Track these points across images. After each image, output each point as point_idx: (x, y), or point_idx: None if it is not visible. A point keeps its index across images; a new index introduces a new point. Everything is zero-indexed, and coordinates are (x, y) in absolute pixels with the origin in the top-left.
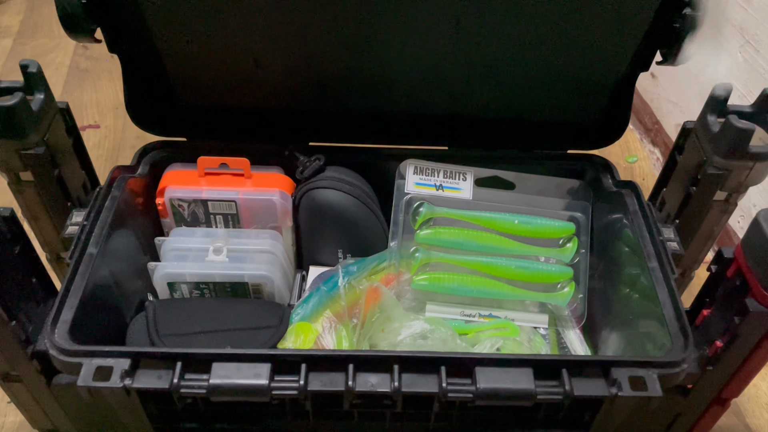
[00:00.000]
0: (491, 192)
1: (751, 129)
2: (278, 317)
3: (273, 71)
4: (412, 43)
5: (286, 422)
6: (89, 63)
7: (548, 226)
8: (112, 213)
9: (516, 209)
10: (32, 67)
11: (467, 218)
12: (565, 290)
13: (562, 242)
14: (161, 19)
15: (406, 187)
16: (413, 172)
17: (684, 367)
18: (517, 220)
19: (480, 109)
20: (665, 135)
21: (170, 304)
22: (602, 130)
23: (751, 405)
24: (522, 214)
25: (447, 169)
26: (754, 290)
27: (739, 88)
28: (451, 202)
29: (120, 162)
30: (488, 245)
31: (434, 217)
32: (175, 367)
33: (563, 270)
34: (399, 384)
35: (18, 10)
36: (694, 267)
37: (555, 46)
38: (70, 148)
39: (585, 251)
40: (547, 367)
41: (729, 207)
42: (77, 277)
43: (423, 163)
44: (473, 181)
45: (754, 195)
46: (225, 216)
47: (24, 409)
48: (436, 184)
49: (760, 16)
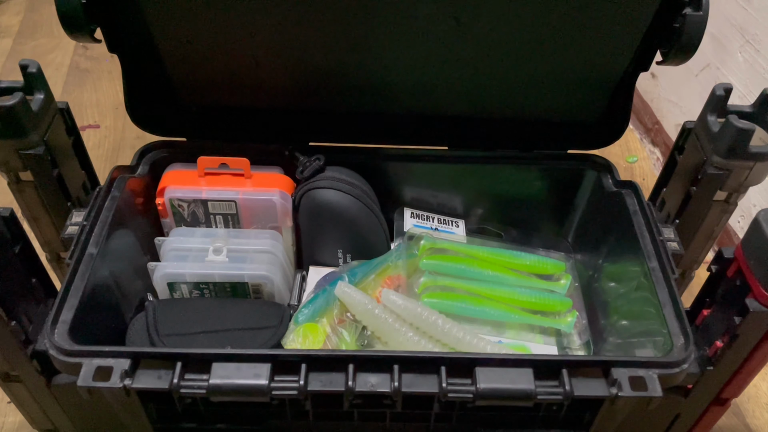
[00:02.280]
0: (482, 239)
1: (751, 129)
2: (278, 317)
3: (273, 71)
4: (412, 43)
5: (286, 422)
6: (89, 63)
7: (541, 261)
8: (112, 213)
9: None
10: (32, 67)
11: (466, 251)
12: (569, 319)
13: (555, 277)
14: (161, 19)
15: (405, 227)
16: (410, 216)
17: (684, 367)
18: (512, 254)
19: (480, 109)
20: (665, 135)
21: (170, 304)
22: (602, 130)
23: (751, 405)
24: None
25: (440, 217)
26: (755, 290)
27: (739, 88)
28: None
29: (120, 162)
30: (489, 274)
31: (435, 247)
32: (175, 367)
33: (563, 299)
34: (399, 384)
35: (18, 10)
36: (694, 267)
37: (555, 46)
38: (70, 148)
39: (578, 285)
40: (547, 367)
41: (729, 207)
42: (77, 277)
43: (418, 211)
44: (465, 228)
45: (754, 195)
46: (225, 216)
47: (24, 409)
48: (432, 227)
49: (760, 16)
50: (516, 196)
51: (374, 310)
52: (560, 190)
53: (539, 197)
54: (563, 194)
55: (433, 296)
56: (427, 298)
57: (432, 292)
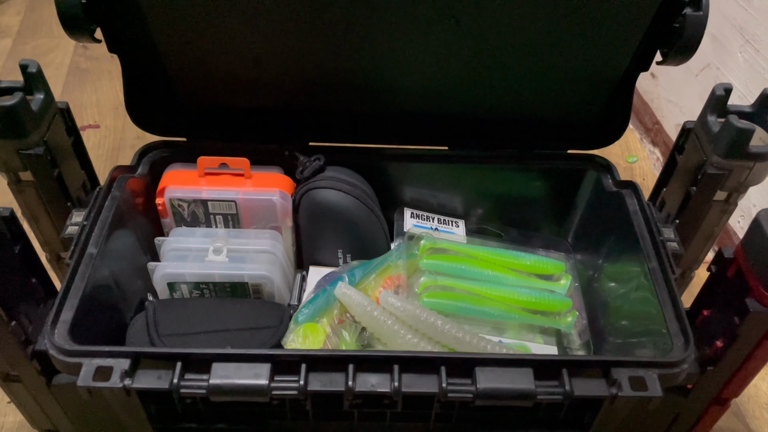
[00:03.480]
0: (482, 239)
1: (751, 129)
2: (278, 317)
3: (273, 71)
4: (412, 43)
5: (286, 422)
6: (89, 63)
7: (541, 261)
8: (112, 213)
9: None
10: (32, 67)
11: (466, 251)
12: (569, 319)
13: (555, 278)
14: (161, 19)
15: (405, 227)
16: (410, 216)
17: (684, 367)
18: (512, 254)
19: (480, 109)
20: (665, 135)
21: (170, 304)
22: (602, 130)
23: (751, 405)
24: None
25: (440, 218)
26: (754, 290)
27: (739, 88)
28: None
29: (120, 162)
30: (489, 274)
31: (435, 247)
32: (175, 367)
33: (563, 299)
34: (399, 384)
35: (18, 10)
36: (694, 267)
37: (554, 46)
38: (70, 148)
39: (578, 285)
40: (547, 367)
41: (729, 207)
42: (77, 277)
43: (418, 211)
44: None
45: (754, 195)
46: (225, 216)
47: (24, 409)
48: (432, 227)
49: (760, 16)
50: (516, 196)
51: (373, 312)
52: (560, 190)
53: (539, 197)
54: (563, 194)
55: (434, 296)
56: (428, 298)
57: (432, 291)
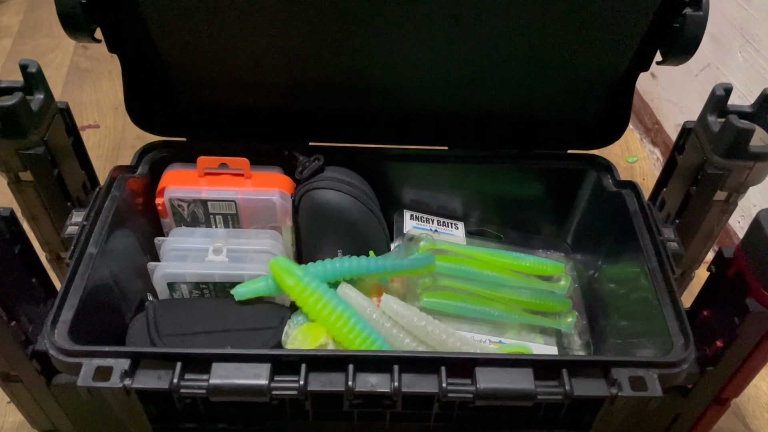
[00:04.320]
0: (481, 240)
1: (751, 129)
2: (278, 318)
3: (273, 71)
4: (411, 42)
5: (286, 422)
6: (89, 63)
7: (541, 262)
8: (112, 213)
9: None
10: (32, 67)
11: (466, 252)
12: (569, 319)
13: (555, 279)
14: (161, 19)
15: (405, 229)
16: (410, 218)
17: (684, 367)
18: (512, 256)
19: (480, 109)
20: (665, 135)
21: (170, 304)
22: (602, 130)
23: (751, 405)
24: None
25: (440, 219)
26: (754, 290)
27: (739, 88)
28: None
29: (120, 162)
30: (489, 275)
31: (435, 248)
32: (175, 367)
33: (563, 300)
34: (399, 384)
35: (18, 10)
36: (694, 267)
37: (554, 46)
38: (70, 148)
39: (578, 285)
40: (547, 368)
41: (729, 207)
42: (77, 277)
43: (418, 213)
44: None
45: (754, 195)
46: (225, 216)
47: (24, 409)
48: (432, 229)
49: (760, 16)
50: (516, 196)
51: (372, 315)
52: (560, 190)
53: (539, 197)
54: (563, 194)
55: (434, 296)
56: (428, 298)
57: (432, 292)
